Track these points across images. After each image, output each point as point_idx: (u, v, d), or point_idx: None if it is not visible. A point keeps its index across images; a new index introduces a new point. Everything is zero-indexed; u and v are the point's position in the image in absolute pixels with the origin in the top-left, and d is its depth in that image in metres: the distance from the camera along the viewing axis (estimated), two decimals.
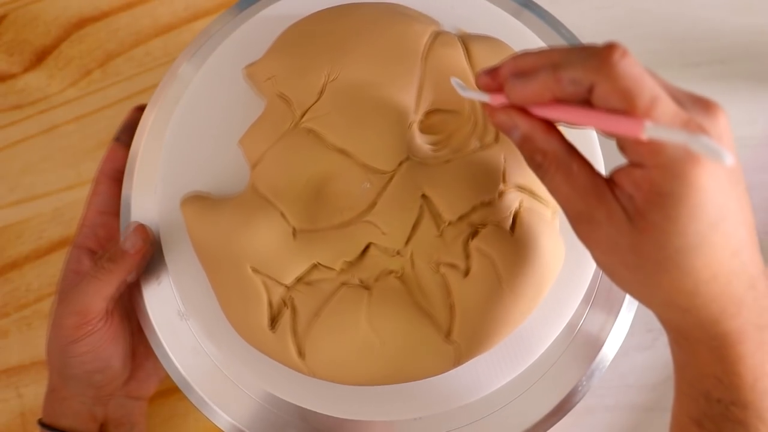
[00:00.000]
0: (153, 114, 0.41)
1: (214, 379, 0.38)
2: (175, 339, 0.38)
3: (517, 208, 0.35)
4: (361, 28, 0.37)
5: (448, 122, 0.37)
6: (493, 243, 0.34)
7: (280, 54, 0.38)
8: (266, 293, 0.35)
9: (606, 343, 0.39)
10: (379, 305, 0.34)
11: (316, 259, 0.35)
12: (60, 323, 0.37)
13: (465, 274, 0.34)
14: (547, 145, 0.27)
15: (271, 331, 0.35)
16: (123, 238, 0.37)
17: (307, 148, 0.36)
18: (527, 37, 0.41)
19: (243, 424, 0.38)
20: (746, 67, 0.53)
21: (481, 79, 0.30)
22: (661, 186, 0.24)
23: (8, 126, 0.52)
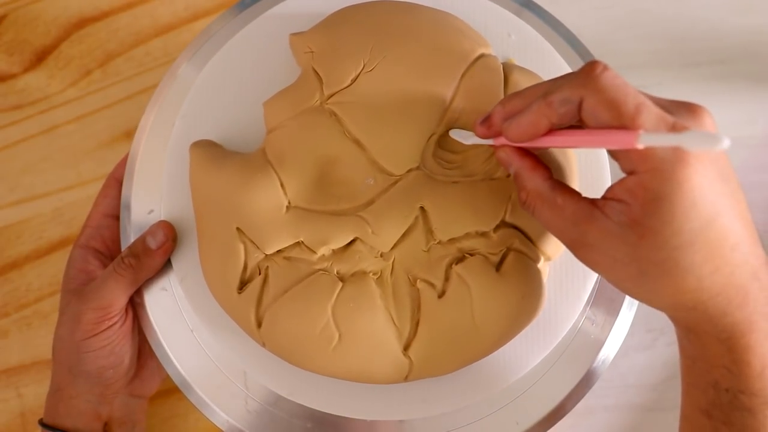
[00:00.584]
0: (153, 114, 0.41)
1: (214, 379, 0.38)
2: (175, 339, 0.38)
3: (510, 247, 0.35)
4: (411, 28, 0.37)
5: (465, 144, 0.36)
6: (476, 274, 0.34)
7: (326, 31, 0.38)
8: (244, 256, 0.35)
9: (606, 343, 0.39)
10: (348, 300, 0.34)
11: (302, 238, 0.35)
12: (79, 318, 0.37)
13: (440, 295, 0.34)
14: (531, 183, 0.30)
15: (238, 292, 0.35)
16: (147, 234, 0.38)
17: (325, 128, 0.36)
18: (529, 35, 0.41)
19: (243, 424, 0.38)
20: (746, 67, 0.53)
21: (478, 129, 0.32)
22: (653, 190, 0.25)
23: (8, 126, 0.52)
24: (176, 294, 0.39)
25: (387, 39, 0.36)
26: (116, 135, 0.52)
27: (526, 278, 0.34)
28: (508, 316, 0.34)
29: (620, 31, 0.53)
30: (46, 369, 0.48)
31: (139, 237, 0.38)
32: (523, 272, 0.34)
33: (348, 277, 0.35)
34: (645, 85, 0.52)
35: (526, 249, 0.35)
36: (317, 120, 0.36)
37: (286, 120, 0.37)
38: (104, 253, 0.41)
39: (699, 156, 0.25)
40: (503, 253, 0.35)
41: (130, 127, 0.52)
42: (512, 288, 0.34)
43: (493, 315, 0.34)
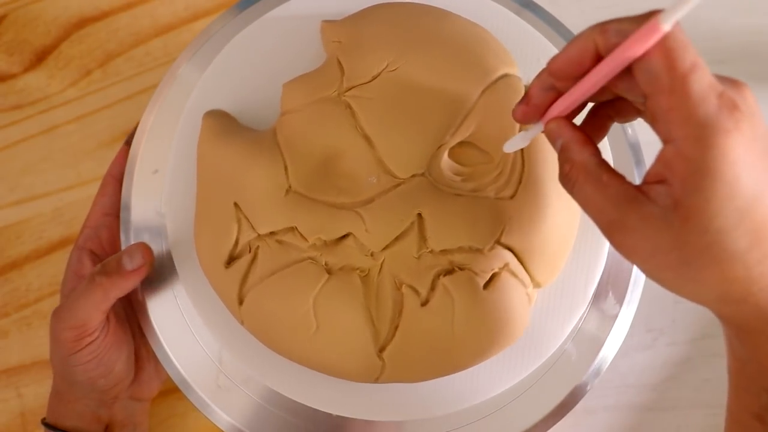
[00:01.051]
0: (153, 114, 0.41)
1: (214, 379, 0.38)
2: (175, 339, 0.38)
3: (501, 267, 0.35)
4: (440, 36, 0.37)
5: (476, 160, 0.36)
6: (462, 289, 0.34)
7: (357, 25, 0.38)
8: (237, 232, 0.35)
9: (606, 343, 0.39)
10: (332, 293, 0.34)
11: (296, 224, 0.35)
12: (57, 337, 0.37)
13: (423, 303, 0.34)
14: (578, 155, 0.27)
15: (225, 267, 0.35)
16: (123, 253, 0.37)
17: (337, 119, 0.36)
18: (530, 34, 0.41)
19: (243, 424, 0.38)
20: (746, 67, 0.52)
21: (517, 110, 0.30)
22: (694, 160, 0.23)
23: (8, 126, 0.52)
24: (177, 294, 0.39)
25: (414, 43, 0.36)
26: (116, 135, 0.52)
27: (512, 301, 0.34)
28: (487, 336, 0.34)
29: None
30: (46, 369, 0.48)
31: (115, 255, 0.37)
32: (509, 295, 0.34)
33: (335, 270, 0.35)
34: None
35: (517, 272, 0.35)
36: (332, 110, 0.36)
37: (301, 105, 0.37)
38: (100, 255, 0.41)
39: (742, 127, 0.23)
40: (493, 273, 0.34)
41: (130, 127, 0.52)
42: (496, 309, 0.34)
43: (473, 332, 0.34)
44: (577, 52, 0.26)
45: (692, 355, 0.48)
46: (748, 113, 0.24)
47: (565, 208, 0.35)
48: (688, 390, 0.48)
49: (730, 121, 0.23)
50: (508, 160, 0.36)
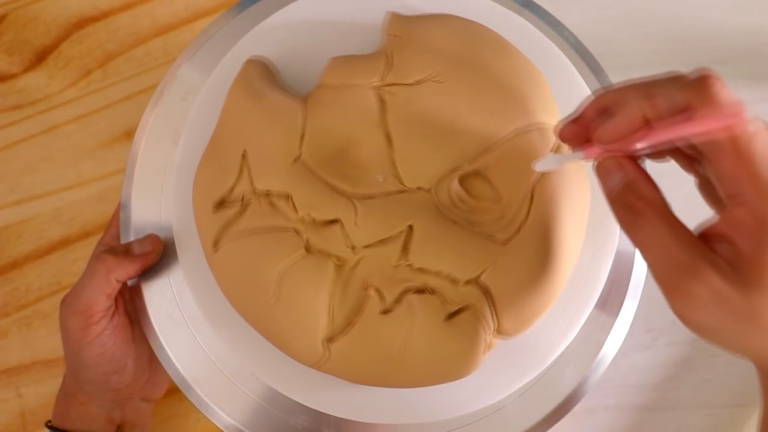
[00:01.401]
0: (153, 114, 0.41)
1: (214, 379, 0.38)
2: (175, 339, 0.38)
3: (470, 305, 0.34)
4: (492, 64, 0.36)
5: (484, 194, 0.36)
6: (426, 312, 0.34)
7: (419, 25, 0.38)
8: (236, 178, 0.36)
9: (606, 343, 0.39)
10: (302, 270, 0.34)
11: (292, 192, 0.35)
12: (66, 325, 0.37)
13: (384, 311, 0.34)
14: (651, 193, 0.27)
15: (213, 210, 0.36)
16: (134, 240, 0.37)
17: (367, 109, 0.36)
18: (530, 33, 0.41)
19: (243, 424, 0.38)
20: (746, 67, 0.52)
21: (567, 128, 0.29)
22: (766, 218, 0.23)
23: (8, 126, 0.52)
24: (177, 294, 0.39)
25: (466, 62, 0.36)
26: (116, 135, 0.52)
27: (469, 341, 0.34)
28: (434, 365, 0.34)
29: (621, 31, 0.53)
30: (46, 369, 0.48)
31: (125, 243, 0.38)
32: (469, 334, 0.34)
33: (314, 250, 0.35)
34: None
35: (485, 314, 0.34)
36: (366, 98, 0.36)
37: (340, 83, 0.37)
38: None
39: None
40: (461, 308, 0.34)
41: (130, 127, 0.52)
42: (452, 342, 0.34)
43: (422, 356, 0.34)
44: (626, 123, 0.26)
45: (692, 355, 0.48)
46: None
47: (553, 272, 0.35)
48: (688, 390, 0.48)
49: None
50: (514, 205, 0.35)
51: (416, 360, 0.34)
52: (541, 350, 0.37)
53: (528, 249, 0.34)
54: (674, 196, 0.53)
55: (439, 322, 0.34)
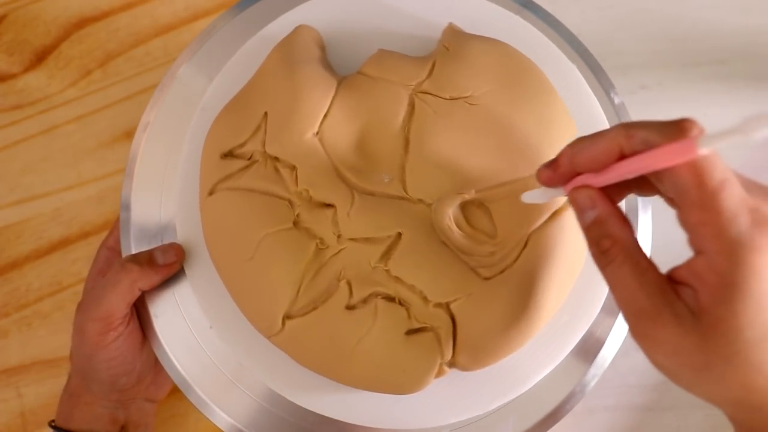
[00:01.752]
0: (153, 114, 0.41)
1: (214, 379, 0.38)
2: (175, 339, 0.38)
3: (433, 327, 0.34)
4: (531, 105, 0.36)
5: (482, 227, 0.36)
6: (389, 320, 0.34)
7: (470, 43, 0.38)
8: (250, 136, 0.36)
9: (606, 343, 0.39)
10: (284, 241, 0.35)
11: (298, 165, 0.35)
12: (83, 329, 0.37)
13: (349, 306, 0.34)
14: (621, 232, 0.27)
15: (221, 158, 0.37)
16: (156, 249, 0.37)
17: (396, 109, 0.36)
18: (531, 34, 0.41)
19: (243, 424, 0.38)
20: (746, 67, 0.52)
21: (543, 173, 0.29)
22: (725, 275, 0.23)
23: (8, 126, 0.52)
24: (177, 294, 0.39)
25: (504, 94, 0.36)
26: (116, 135, 0.52)
27: (421, 361, 0.34)
28: (381, 373, 0.34)
29: (621, 31, 0.53)
30: (46, 369, 0.48)
31: (146, 250, 0.38)
32: (423, 354, 0.34)
33: (301, 227, 0.35)
34: (645, 85, 0.52)
35: (444, 342, 0.34)
36: (397, 98, 0.36)
37: (378, 76, 0.37)
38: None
39: None
40: (423, 327, 0.34)
41: (130, 127, 0.52)
42: (403, 356, 0.34)
43: (371, 361, 0.34)
44: (602, 152, 0.26)
45: None
46: None
47: (523, 323, 0.34)
48: None
49: (763, 238, 0.23)
50: (507, 245, 0.35)
51: (364, 363, 0.34)
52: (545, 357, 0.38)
53: (506, 293, 0.34)
54: None
55: (398, 333, 0.34)
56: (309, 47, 0.38)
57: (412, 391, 0.34)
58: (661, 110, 0.52)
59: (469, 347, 0.34)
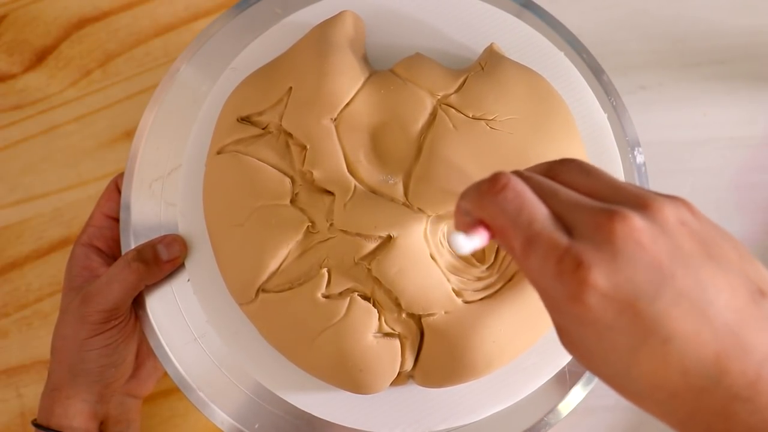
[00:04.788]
0: (153, 114, 0.41)
1: (214, 379, 0.38)
2: (175, 339, 0.38)
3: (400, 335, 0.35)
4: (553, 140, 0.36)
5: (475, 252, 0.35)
6: (360, 318, 0.34)
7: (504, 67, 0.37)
8: (270, 106, 0.37)
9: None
10: (277, 216, 0.35)
11: (309, 146, 0.35)
12: (84, 319, 0.37)
13: (325, 295, 0.34)
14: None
15: (237, 121, 0.37)
16: (159, 242, 0.38)
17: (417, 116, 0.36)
18: (530, 34, 0.41)
19: (243, 424, 0.38)
20: (746, 67, 0.52)
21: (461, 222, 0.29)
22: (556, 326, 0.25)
23: (8, 126, 0.52)
24: (177, 294, 0.39)
25: (527, 125, 0.36)
26: (116, 135, 0.52)
27: (381, 365, 0.34)
28: (339, 367, 0.34)
29: (620, 31, 0.53)
30: (46, 369, 0.48)
31: (149, 242, 0.38)
32: (384, 359, 0.34)
33: (297, 205, 0.35)
34: (645, 85, 0.52)
35: (408, 353, 0.35)
36: (422, 106, 0.36)
37: (409, 78, 0.37)
38: (106, 252, 0.41)
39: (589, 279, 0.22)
40: (390, 332, 0.35)
41: (130, 127, 0.52)
42: (364, 356, 0.34)
43: (330, 352, 0.34)
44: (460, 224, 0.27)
45: None
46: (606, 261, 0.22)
47: (491, 354, 0.34)
48: None
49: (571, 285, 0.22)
50: (494, 275, 0.35)
51: (324, 353, 0.34)
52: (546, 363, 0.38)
53: (480, 322, 0.34)
54: None
55: (365, 333, 0.34)
56: (348, 34, 0.38)
57: (367, 392, 0.35)
58: (661, 110, 0.52)
59: (431, 365, 0.35)
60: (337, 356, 0.34)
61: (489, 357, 0.34)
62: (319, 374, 0.35)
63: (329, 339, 0.34)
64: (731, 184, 0.50)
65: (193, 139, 0.40)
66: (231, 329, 0.38)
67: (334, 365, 0.34)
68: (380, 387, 0.35)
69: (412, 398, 0.37)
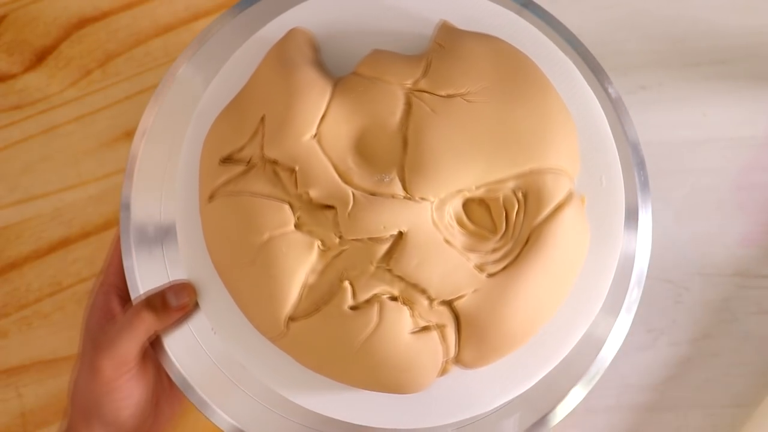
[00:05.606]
0: (153, 114, 0.41)
1: (214, 379, 0.38)
2: (175, 339, 0.38)
3: (437, 325, 0.34)
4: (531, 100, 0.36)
5: (484, 224, 0.36)
6: (393, 319, 0.34)
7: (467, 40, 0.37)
8: (248, 140, 0.36)
9: (606, 343, 0.39)
10: (287, 243, 0.34)
11: (298, 167, 0.35)
12: (97, 368, 0.37)
13: (352, 307, 0.34)
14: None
15: (220, 163, 0.36)
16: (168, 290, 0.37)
17: (392, 109, 0.36)
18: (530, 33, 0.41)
19: (243, 424, 0.38)
20: (747, 67, 0.52)
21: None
22: None
23: (8, 126, 0.52)
24: None
25: (501, 90, 0.36)
26: (116, 135, 0.52)
27: (424, 360, 0.34)
28: (385, 373, 0.34)
29: (621, 31, 0.53)
30: (46, 369, 0.48)
31: (159, 291, 0.38)
32: (426, 353, 0.34)
33: (302, 228, 0.35)
34: (645, 85, 0.52)
35: (448, 340, 0.34)
36: (394, 98, 0.36)
37: (374, 76, 0.36)
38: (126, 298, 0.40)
39: None
40: (427, 326, 0.34)
41: (130, 127, 0.52)
42: (406, 356, 0.34)
43: (373, 360, 0.34)
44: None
45: (692, 355, 0.48)
46: None
47: (527, 318, 0.35)
48: (688, 390, 0.48)
49: None
50: (509, 243, 0.35)
51: (368, 363, 0.34)
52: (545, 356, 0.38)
53: (509, 290, 0.34)
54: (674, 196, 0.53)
55: (402, 333, 0.34)
56: (303, 50, 0.38)
57: (415, 390, 0.34)
58: (661, 110, 0.52)
59: (473, 344, 0.34)
60: (380, 363, 0.34)
61: (526, 321, 0.35)
62: (366, 386, 0.35)
63: (368, 348, 0.34)
64: (732, 185, 0.50)
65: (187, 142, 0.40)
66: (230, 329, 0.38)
67: (378, 373, 0.34)
68: (427, 383, 0.35)
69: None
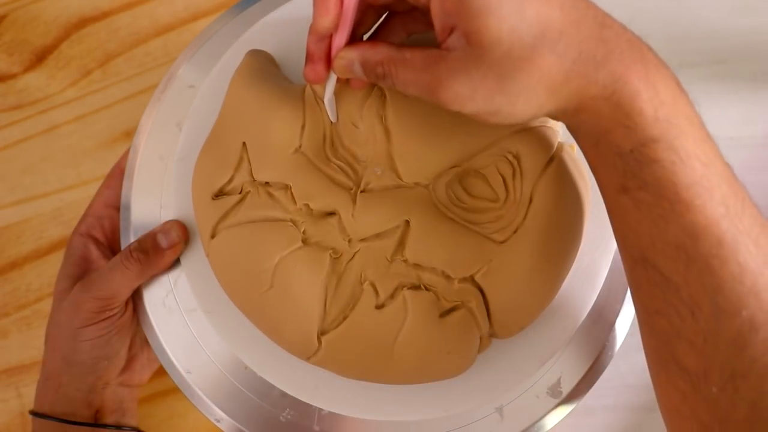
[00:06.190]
0: (153, 115, 0.41)
1: (214, 379, 0.38)
2: (174, 338, 0.38)
3: (465, 303, 0.34)
4: None
5: (482, 194, 0.35)
6: (420, 308, 0.34)
7: None
8: (235, 169, 0.36)
9: (606, 343, 0.39)
10: (298, 261, 0.34)
11: (291, 183, 0.35)
12: (79, 305, 0.37)
13: (378, 306, 0.34)
14: (378, 55, 0.30)
15: (212, 198, 0.36)
16: (158, 231, 0.38)
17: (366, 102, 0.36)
18: None
19: (242, 423, 0.38)
20: (746, 67, 0.52)
21: (308, 73, 0.32)
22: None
23: (8, 126, 0.52)
24: (176, 292, 0.39)
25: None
26: (116, 135, 0.52)
27: (462, 338, 0.34)
28: (426, 362, 0.34)
29: None
30: None
31: (149, 233, 0.38)
32: (461, 332, 0.34)
33: (311, 242, 0.35)
34: None
35: (478, 314, 0.34)
36: (366, 92, 0.36)
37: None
38: (104, 244, 0.41)
39: None
40: (455, 305, 0.34)
41: (130, 127, 0.52)
42: (443, 339, 0.34)
43: (414, 352, 0.34)
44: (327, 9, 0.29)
45: None
46: None
47: (548, 276, 0.35)
48: None
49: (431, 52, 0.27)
50: (513, 206, 0.35)
51: (408, 356, 0.34)
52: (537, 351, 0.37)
53: (524, 251, 0.34)
54: None
55: (433, 318, 0.34)
56: (265, 69, 0.38)
57: (460, 371, 0.35)
58: None
59: (504, 313, 0.35)
60: (420, 353, 0.34)
61: (548, 280, 0.35)
62: (411, 380, 0.35)
63: (405, 342, 0.34)
64: None
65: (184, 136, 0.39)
66: (225, 322, 0.38)
67: (422, 363, 0.34)
68: (471, 360, 0.35)
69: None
